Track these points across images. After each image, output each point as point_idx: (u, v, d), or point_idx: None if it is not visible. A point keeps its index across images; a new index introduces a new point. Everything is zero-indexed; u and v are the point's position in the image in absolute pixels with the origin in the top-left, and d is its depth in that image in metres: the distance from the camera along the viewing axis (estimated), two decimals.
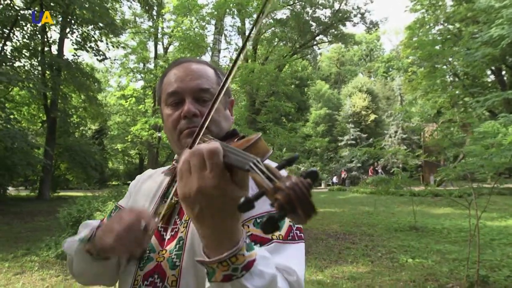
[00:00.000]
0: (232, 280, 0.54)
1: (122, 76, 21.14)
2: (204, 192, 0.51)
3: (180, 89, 0.82)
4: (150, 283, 0.74)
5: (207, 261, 0.55)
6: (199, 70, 0.85)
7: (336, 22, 19.85)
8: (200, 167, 0.51)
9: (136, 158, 27.30)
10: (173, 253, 0.75)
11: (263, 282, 0.56)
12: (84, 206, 5.50)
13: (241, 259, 0.54)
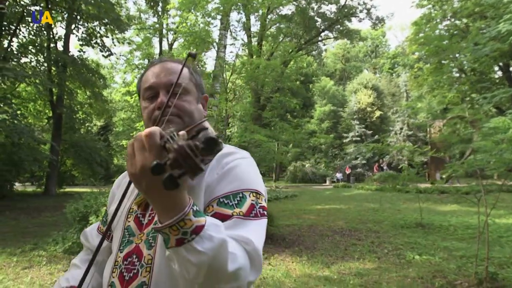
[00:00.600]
0: (184, 244, 0.62)
1: (127, 72, 21.18)
2: (146, 169, 0.58)
3: (155, 84, 0.92)
4: (129, 263, 0.83)
5: (159, 226, 0.63)
6: (173, 67, 0.94)
7: (342, 17, 19.70)
8: (141, 148, 0.60)
9: None
10: (150, 235, 0.83)
11: (212, 245, 0.62)
12: (91, 201, 5.51)
13: (189, 224, 0.62)
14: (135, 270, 0.82)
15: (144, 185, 0.61)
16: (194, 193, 0.82)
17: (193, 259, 0.62)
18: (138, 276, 0.80)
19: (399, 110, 30.98)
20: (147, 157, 0.58)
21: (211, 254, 0.62)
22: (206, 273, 0.64)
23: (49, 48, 12.86)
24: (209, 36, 11.25)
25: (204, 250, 0.62)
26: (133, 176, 0.62)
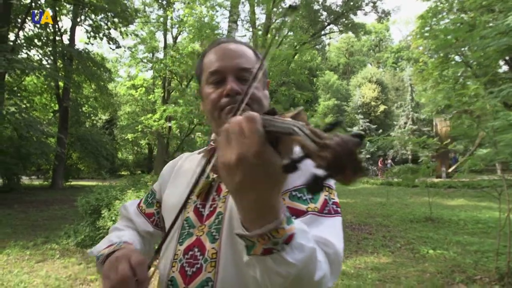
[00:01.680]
0: (272, 254, 0.55)
1: (131, 66, 21.10)
2: (245, 159, 0.49)
3: (222, 68, 0.84)
4: (190, 256, 0.78)
5: (247, 234, 0.55)
6: (239, 49, 0.88)
7: (348, 11, 19.52)
8: (239, 134, 0.50)
9: (145, 148, 27.44)
10: (212, 228, 0.79)
11: (303, 256, 0.56)
12: (102, 194, 5.50)
13: (282, 233, 0.54)
14: (198, 264, 0.76)
15: (237, 180, 0.51)
16: None
17: (282, 271, 0.55)
18: (202, 271, 0.75)
19: (404, 104, 30.85)
20: (247, 145, 0.49)
21: (301, 266, 0.56)
22: (291, 284, 0.57)
23: (55, 41, 12.81)
24: (217, 28, 11.19)
25: (294, 261, 0.55)
26: (225, 167, 0.52)
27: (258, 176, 0.50)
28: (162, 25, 18.44)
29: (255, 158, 0.49)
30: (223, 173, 0.53)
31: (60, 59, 12.91)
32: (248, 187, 0.51)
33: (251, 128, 0.50)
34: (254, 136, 0.49)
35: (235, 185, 0.52)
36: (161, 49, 19.27)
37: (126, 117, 22.14)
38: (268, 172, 0.50)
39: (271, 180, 0.51)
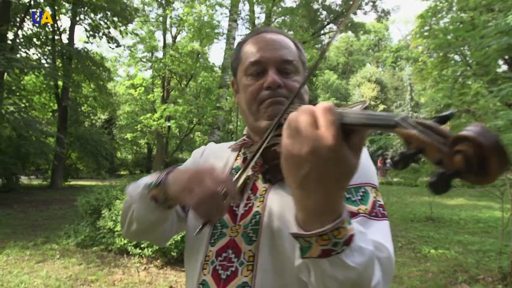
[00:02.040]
0: (330, 256, 0.51)
1: (131, 65, 21.08)
2: (317, 153, 0.45)
3: (263, 59, 0.80)
4: (224, 259, 0.73)
5: (305, 234, 0.51)
6: (282, 40, 0.83)
7: (347, 10, 19.52)
8: (312, 124, 0.47)
9: (144, 148, 27.40)
10: (249, 228, 0.74)
11: (363, 259, 0.52)
12: (103, 194, 5.47)
13: (343, 233, 0.50)
14: (232, 267, 0.71)
15: (303, 173, 0.47)
16: None
17: (339, 275, 0.51)
18: (238, 275, 0.70)
19: (403, 104, 30.89)
20: (322, 138, 0.45)
21: (361, 270, 0.52)
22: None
23: (54, 40, 12.76)
24: (217, 27, 11.18)
25: (354, 265, 0.51)
26: (292, 160, 0.48)
27: (328, 171, 0.47)
28: (161, 24, 18.41)
29: (329, 152, 0.45)
30: (287, 165, 0.50)
31: (59, 58, 12.87)
32: (315, 182, 0.47)
33: (327, 120, 0.46)
34: (331, 128, 0.45)
35: (300, 179, 0.48)
36: (160, 49, 19.25)
37: (125, 116, 22.08)
38: (340, 167, 0.46)
39: (341, 176, 0.47)
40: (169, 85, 19.00)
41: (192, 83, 18.47)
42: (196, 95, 18.00)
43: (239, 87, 0.86)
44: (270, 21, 15.14)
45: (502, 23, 14.53)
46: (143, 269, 4.10)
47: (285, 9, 15.53)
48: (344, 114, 0.47)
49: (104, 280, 3.69)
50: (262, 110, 0.79)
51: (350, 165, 0.46)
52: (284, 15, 15.75)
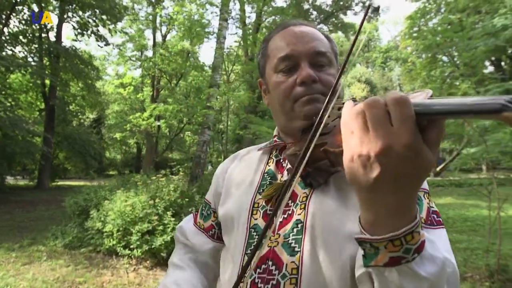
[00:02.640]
0: (400, 265, 0.45)
1: (120, 64, 20.88)
2: (392, 151, 0.40)
3: (295, 52, 0.73)
4: (263, 271, 0.65)
5: (373, 238, 0.45)
6: (312, 32, 0.77)
7: (337, 10, 19.65)
8: (383, 120, 0.41)
9: (133, 148, 27.17)
10: (290, 238, 0.66)
11: (436, 269, 0.47)
12: (91, 195, 5.40)
13: (416, 238, 0.45)
14: (273, 281, 0.64)
15: (374, 175, 0.42)
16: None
17: (409, 286, 0.46)
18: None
19: None
20: (397, 134, 0.40)
21: (434, 281, 0.47)
22: None
23: (41, 38, 12.54)
24: (208, 26, 11.10)
25: (426, 275, 0.46)
26: (362, 159, 0.43)
27: (403, 171, 0.42)
28: (151, 23, 18.24)
29: (406, 150, 0.40)
30: (354, 167, 0.44)
31: (47, 57, 12.65)
32: (388, 184, 0.43)
33: (403, 114, 0.40)
34: (407, 123, 0.40)
35: (370, 181, 0.43)
36: (150, 47, 19.06)
37: (114, 116, 21.85)
38: (415, 167, 0.41)
39: (417, 175, 0.42)
40: (159, 84, 18.86)
41: (182, 83, 18.38)
42: (186, 94, 17.91)
43: (269, 86, 0.80)
44: (261, 21, 15.13)
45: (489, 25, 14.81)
46: (132, 270, 4.05)
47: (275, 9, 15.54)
48: (421, 104, 0.41)
49: (92, 282, 3.63)
50: (297, 109, 0.73)
51: (427, 163, 0.41)
52: (275, 15, 15.76)
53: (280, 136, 0.82)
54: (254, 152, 0.87)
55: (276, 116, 0.81)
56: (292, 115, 0.74)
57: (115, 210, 4.42)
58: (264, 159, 0.82)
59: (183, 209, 4.69)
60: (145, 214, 4.32)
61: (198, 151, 7.88)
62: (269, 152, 0.83)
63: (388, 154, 0.41)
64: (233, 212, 0.76)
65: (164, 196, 4.65)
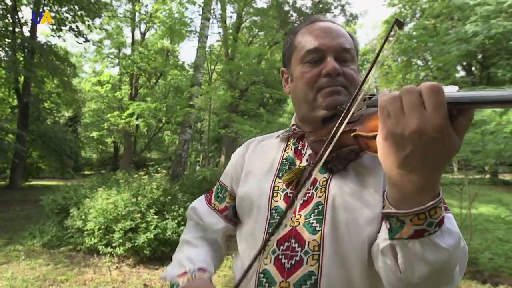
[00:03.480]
0: (423, 237, 0.51)
1: (97, 61, 20.46)
2: (423, 132, 0.46)
3: (323, 46, 0.78)
4: (286, 248, 0.71)
5: (400, 212, 0.51)
6: (338, 29, 0.82)
7: (317, 13, 19.91)
8: (418, 105, 0.47)
9: (110, 147, 26.63)
10: (311, 218, 0.72)
11: (453, 241, 0.53)
12: (70, 193, 5.30)
13: (439, 213, 0.50)
14: (297, 257, 0.70)
15: (406, 152, 0.48)
16: (376, 173, 0.73)
17: (431, 257, 0.51)
18: (303, 264, 0.69)
19: None
20: (429, 118, 0.45)
21: (452, 252, 0.52)
22: (434, 274, 0.53)
23: (15, 32, 12.11)
24: (189, 24, 11.04)
25: (446, 246, 0.51)
26: (396, 138, 0.48)
27: (432, 151, 0.47)
28: (130, 20, 17.94)
29: (435, 132, 0.45)
30: (388, 144, 0.50)
31: (20, 52, 12.21)
32: (417, 161, 0.48)
33: (436, 101, 0.46)
34: (440, 109, 0.45)
35: (402, 158, 0.49)
36: (129, 45, 18.74)
37: (91, 114, 21.35)
38: (442, 148, 0.47)
39: (444, 156, 0.48)
40: (137, 82, 18.59)
41: (161, 81, 18.17)
42: (165, 93, 17.71)
43: (293, 76, 0.84)
44: (242, 21, 15.17)
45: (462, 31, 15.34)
46: (114, 268, 4.02)
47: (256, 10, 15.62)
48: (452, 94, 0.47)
49: (74, 280, 3.59)
50: (319, 99, 0.78)
51: (454, 146, 0.47)
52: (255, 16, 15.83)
53: (298, 125, 0.88)
54: (271, 140, 0.93)
55: (297, 105, 0.85)
56: (314, 105, 0.79)
57: (97, 208, 4.37)
58: (282, 146, 0.88)
59: (165, 207, 4.69)
60: (128, 212, 4.30)
61: (179, 149, 7.86)
62: (287, 140, 0.88)
63: (420, 134, 0.46)
64: (254, 195, 0.81)
65: (147, 194, 4.63)
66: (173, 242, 4.36)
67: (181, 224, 4.47)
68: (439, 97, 0.46)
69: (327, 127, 0.75)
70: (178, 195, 5.12)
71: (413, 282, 0.55)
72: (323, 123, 0.77)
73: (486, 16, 15.44)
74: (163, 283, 3.64)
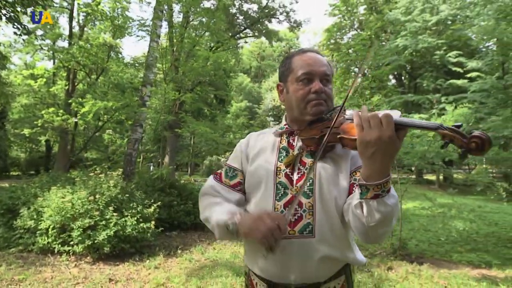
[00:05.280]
0: (378, 198, 0.87)
1: (28, 53, 19.02)
2: (382, 139, 0.82)
3: (313, 71, 1.12)
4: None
5: (368, 184, 0.87)
6: (323, 59, 1.17)
7: (263, 17, 20.52)
8: (378, 124, 0.84)
9: (42, 146, 24.79)
10: (305, 188, 1.05)
11: (395, 201, 0.90)
12: (18, 192, 5.07)
13: (388, 185, 0.88)
14: (298, 214, 1.03)
15: (372, 151, 0.83)
16: (345, 159, 1.07)
17: (382, 209, 0.86)
18: (303, 218, 1.03)
19: None
20: (384, 131, 0.82)
21: (394, 207, 0.88)
22: (383, 220, 0.87)
23: None
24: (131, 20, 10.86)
25: (391, 204, 0.87)
26: (366, 142, 0.83)
27: (386, 150, 0.82)
28: (67, 11, 16.96)
29: (388, 139, 0.82)
30: (362, 146, 0.85)
31: None
32: (377, 156, 0.83)
33: (388, 122, 0.82)
34: (390, 126, 0.82)
35: (369, 154, 0.84)
36: (66, 38, 17.67)
37: (21, 110, 19.74)
38: (391, 149, 0.83)
39: (393, 153, 0.84)
40: (76, 78, 17.62)
41: (101, 78, 17.41)
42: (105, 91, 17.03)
43: (289, 89, 1.16)
44: (188, 21, 15.16)
45: (392, 45, 16.78)
46: (73, 266, 3.99)
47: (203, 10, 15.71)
48: (397, 119, 0.84)
49: (33, 278, 3.53)
50: (308, 108, 1.11)
51: (398, 147, 0.84)
52: (202, 16, 15.91)
53: (289, 124, 1.21)
54: (268, 134, 1.24)
55: (290, 110, 1.18)
56: (304, 112, 1.12)
57: (52, 207, 4.28)
58: (278, 139, 1.19)
59: (123, 205, 4.72)
60: (86, 210, 4.28)
61: (129, 149, 7.77)
62: (280, 135, 1.20)
63: (380, 140, 0.82)
64: (262, 174, 1.12)
65: (105, 192, 4.64)
66: (133, 238, 4.44)
67: (140, 221, 4.55)
68: (390, 120, 0.83)
69: (315, 128, 1.09)
70: (135, 193, 5.17)
71: (371, 225, 0.90)
72: (309, 125, 1.12)
73: (414, 31, 17.17)
74: (128, 276, 3.73)
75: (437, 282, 3.68)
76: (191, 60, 10.54)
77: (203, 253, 4.77)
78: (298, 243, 1.02)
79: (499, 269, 4.21)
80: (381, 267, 4.10)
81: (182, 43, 10.25)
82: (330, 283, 1.06)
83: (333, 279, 1.07)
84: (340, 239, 1.05)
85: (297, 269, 1.02)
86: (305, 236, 1.02)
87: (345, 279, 1.10)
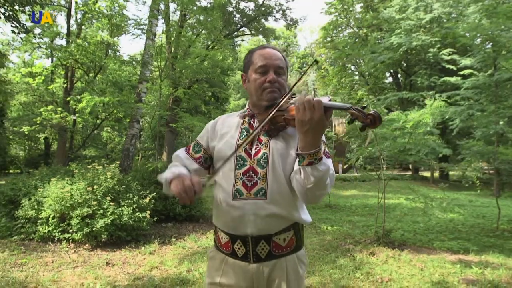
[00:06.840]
0: (312, 165, 1.08)
1: (27, 51, 19.17)
2: (313, 119, 1.03)
3: (268, 64, 1.33)
4: (248, 176, 1.26)
5: (303, 153, 1.09)
6: (277, 54, 1.38)
7: (260, 16, 20.70)
8: (310, 108, 1.03)
9: (41, 144, 24.97)
10: (261, 160, 1.27)
11: (325, 168, 1.11)
12: (19, 184, 5.28)
13: (319, 154, 1.09)
14: (253, 180, 1.25)
15: (306, 128, 1.03)
16: (294, 137, 1.29)
17: (315, 174, 1.08)
18: (258, 184, 1.24)
19: None
20: (315, 113, 1.02)
21: (324, 172, 1.09)
22: (317, 183, 1.09)
23: None
24: (128, 18, 11.02)
25: (322, 169, 1.08)
26: (302, 123, 1.04)
27: (317, 127, 1.02)
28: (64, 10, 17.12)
29: (318, 119, 1.02)
30: (299, 124, 1.05)
31: None
32: (311, 132, 1.04)
33: (319, 105, 1.02)
34: (320, 109, 1.02)
35: (304, 130, 1.05)
36: (64, 36, 17.83)
37: (20, 107, 19.91)
38: (321, 126, 1.03)
39: (322, 129, 1.05)
40: (74, 76, 17.78)
41: (99, 76, 17.59)
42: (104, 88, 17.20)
43: (250, 79, 1.37)
44: (185, 19, 15.35)
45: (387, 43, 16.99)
46: (72, 252, 4.22)
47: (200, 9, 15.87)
48: (325, 103, 1.05)
49: (35, 262, 3.75)
50: (264, 94, 1.32)
51: (325, 125, 1.05)
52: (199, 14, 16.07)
53: (251, 108, 1.43)
54: (233, 117, 1.46)
55: (251, 96, 1.39)
56: (261, 98, 1.34)
57: (52, 197, 4.50)
58: (241, 121, 1.42)
59: (120, 195, 4.95)
60: (84, 200, 4.50)
61: (126, 144, 7.99)
62: (243, 117, 1.43)
63: (312, 120, 1.03)
64: (226, 149, 1.34)
65: (102, 183, 4.85)
66: (129, 227, 4.67)
67: (136, 211, 4.78)
68: (319, 104, 1.03)
69: (267, 111, 1.31)
70: (132, 184, 5.39)
71: (308, 187, 1.11)
72: (265, 109, 1.34)
73: (408, 29, 17.38)
74: (124, 260, 3.96)
75: (414, 265, 3.91)
76: (187, 58, 10.73)
77: (196, 242, 5.00)
78: (252, 203, 1.23)
79: (476, 255, 4.45)
80: (364, 252, 4.34)
81: (178, 40, 10.45)
82: (280, 236, 1.28)
83: (282, 232, 1.28)
84: (288, 201, 1.26)
85: (252, 224, 1.24)
86: (259, 198, 1.23)
87: (293, 233, 1.31)
